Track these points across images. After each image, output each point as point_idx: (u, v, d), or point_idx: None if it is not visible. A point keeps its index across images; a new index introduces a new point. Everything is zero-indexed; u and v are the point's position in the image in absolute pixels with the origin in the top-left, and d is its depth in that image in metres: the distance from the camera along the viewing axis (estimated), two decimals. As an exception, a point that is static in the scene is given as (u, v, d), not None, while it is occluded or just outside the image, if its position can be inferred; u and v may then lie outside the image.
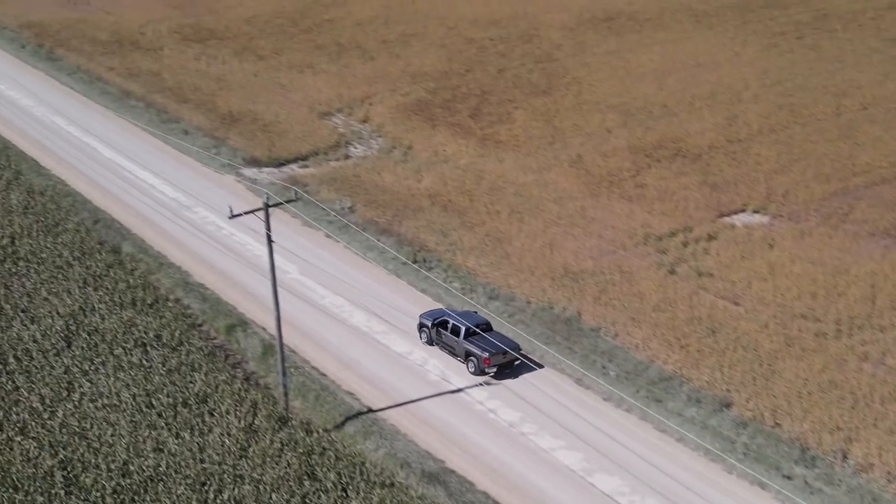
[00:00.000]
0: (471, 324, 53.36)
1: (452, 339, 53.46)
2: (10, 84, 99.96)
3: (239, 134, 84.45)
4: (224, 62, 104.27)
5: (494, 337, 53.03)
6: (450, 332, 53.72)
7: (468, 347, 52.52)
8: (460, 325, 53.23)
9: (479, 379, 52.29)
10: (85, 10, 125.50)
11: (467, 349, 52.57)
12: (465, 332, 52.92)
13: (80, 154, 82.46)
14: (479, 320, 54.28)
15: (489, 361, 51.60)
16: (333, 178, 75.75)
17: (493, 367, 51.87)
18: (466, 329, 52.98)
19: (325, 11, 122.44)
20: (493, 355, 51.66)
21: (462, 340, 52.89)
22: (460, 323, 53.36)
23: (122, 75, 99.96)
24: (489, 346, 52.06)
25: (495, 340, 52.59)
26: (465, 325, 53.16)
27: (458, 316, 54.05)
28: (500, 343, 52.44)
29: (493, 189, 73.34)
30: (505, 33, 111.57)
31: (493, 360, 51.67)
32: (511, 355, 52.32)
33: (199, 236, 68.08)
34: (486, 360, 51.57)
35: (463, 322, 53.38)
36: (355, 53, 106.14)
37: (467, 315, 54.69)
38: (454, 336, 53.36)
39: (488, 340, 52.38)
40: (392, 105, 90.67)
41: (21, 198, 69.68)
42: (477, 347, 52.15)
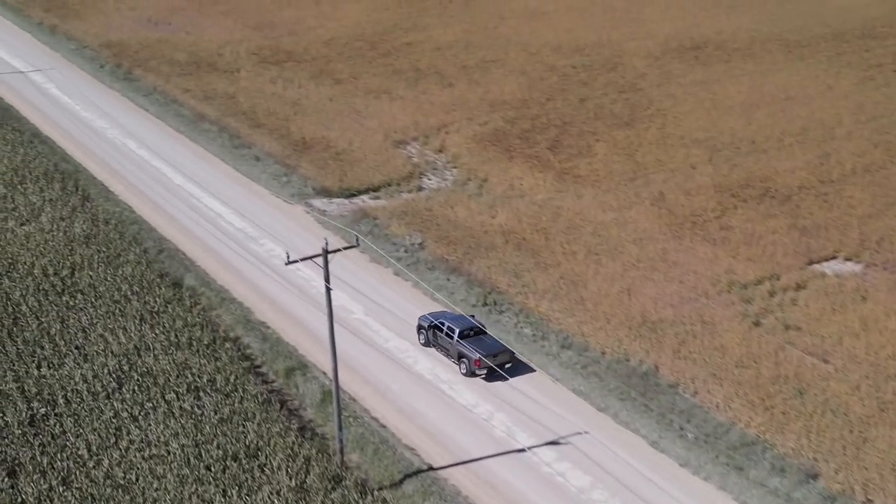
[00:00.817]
0: (465, 327, 55.08)
1: (447, 341, 55.29)
2: (86, 105, 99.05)
3: (311, 162, 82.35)
4: (300, 86, 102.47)
5: (488, 340, 54.68)
6: (444, 334, 55.48)
7: (460, 349, 54.30)
8: (454, 327, 55.01)
9: (543, 441, 49.45)
10: (166, 31, 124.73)
11: (460, 351, 54.34)
12: (459, 334, 54.62)
13: (149, 179, 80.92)
14: (474, 324, 55.71)
15: (479, 363, 53.25)
16: (405, 212, 73.22)
17: (484, 368, 53.43)
18: (460, 332, 54.69)
19: (405, 35, 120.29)
20: (483, 357, 53.12)
21: (455, 342, 54.66)
22: (454, 325, 55.14)
23: (197, 97, 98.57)
24: (480, 348, 53.78)
25: (489, 344, 54.24)
26: (459, 327, 54.91)
27: (452, 320, 55.76)
28: (492, 346, 54.00)
29: (571, 227, 70.30)
30: (588, 61, 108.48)
31: (483, 361, 53.20)
32: (501, 358, 53.83)
33: (264, 270, 65.91)
34: (477, 361, 53.27)
35: (456, 324, 55.11)
36: (433, 79, 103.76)
37: (462, 318, 56.08)
38: (448, 338, 55.20)
39: (481, 343, 54.28)
40: (469, 134, 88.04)
41: (85, 226, 68.01)
42: (468, 349, 53.88)
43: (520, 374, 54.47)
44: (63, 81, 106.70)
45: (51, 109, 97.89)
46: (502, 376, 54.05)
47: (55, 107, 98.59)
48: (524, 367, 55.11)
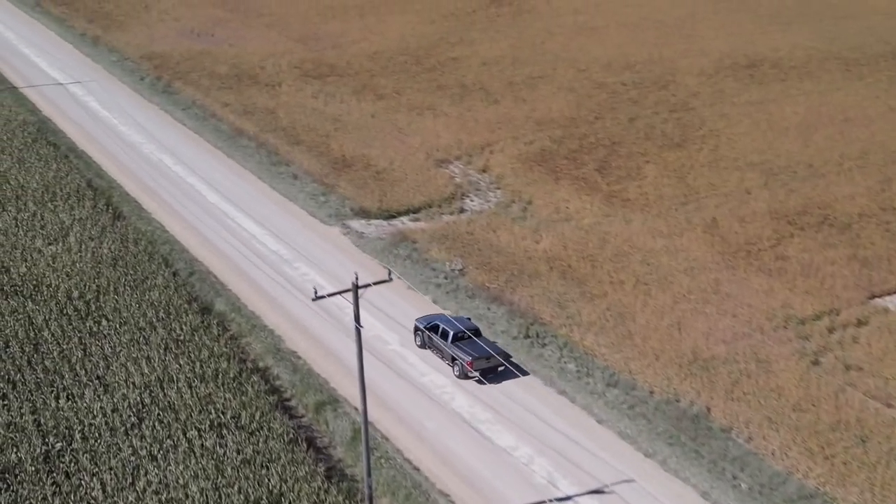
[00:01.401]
0: (459, 329, 55.14)
1: (441, 343, 55.48)
2: (124, 118, 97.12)
3: (350, 181, 79.73)
4: (342, 101, 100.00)
5: (483, 343, 54.77)
6: (439, 335, 55.67)
7: (454, 351, 54.44)
8: (448, 330, 55.19)
9: (585, 488, 46.33)
10: (208, 42, 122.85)
11: (453, 353, 54.47)
12: (453, 336, 54.86)
13: (183, 197, 78.65)
14: (469, 326, 55.87)
15: (472, 365, 53.45)
16: (445, 235, 70.39)
17: (477, 371, 53.62)
18: (454, 334, 54.89)
19: (451, 49, 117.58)
20: (476, 359, 53.49)
21: (449, 344, 54.89)
22: (448, 327, 55.30)
23: (236, 112, 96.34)
24: (474, 350, 53.98)
25: (483, 346, 54.28)
26: (453, 329, 55.09)
27: (448, 321, 55.99)
28: (485, 348, 54.06)
29: (618, 255, 67.15)
30: (638, 78, 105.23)
31: (476, 364, 53.51)
32: (495, 361, 54.01)
33: (297, 296, 63.30)
34: (469, 363, 53.45)
35: (451, 326, 55.33)
36: (479, 96, 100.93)
37: (459, 320, 56.24)
38: (443, 340, 55.42)
39: (475, 345, 54.42)
40: (514, 154, 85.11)
41: (114, 247, 65.67)
42: (462, 352, 54.12)
43: (564, 415, 51.38)
44: (102, 94, 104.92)
45: (88, 123, 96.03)
46: (495, 378, 54.25)
47: (93, 120, 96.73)
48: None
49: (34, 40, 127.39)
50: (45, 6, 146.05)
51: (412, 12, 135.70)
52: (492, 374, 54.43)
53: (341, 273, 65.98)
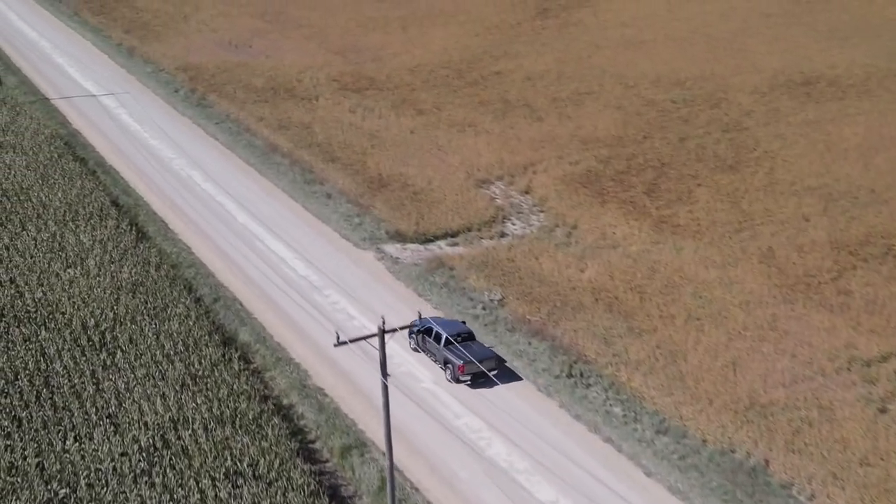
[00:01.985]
0: (453, 332, 54.60)
1: (434, 346, 55.07)
2: (155, 132, 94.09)
3: (386, 202, 76.11)
4: (380, 116, 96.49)
5: (475, 346, 54.33)
6: (433, 339, 55.20)
7: (446, 355, 53.94)
8: (441, 333, 54.59)
9: None
10: (246, 54, 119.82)
11: (445, 356, 54.02)
12: (446, 339, 54.26)
13: (212, 216, 75.36)
14: (463, 329, 55.32)
15: (463, 369, 52.96)
16: (485, 262, 66.60)
17: (468, 375, 53.21)
18: (447, 337, 54.28)
19: (495, 63, 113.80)
20: (467, 363, 52.89)
21: (442, 348, 54.34)
22: (441, 330, 54.67)
23: (271, 127, 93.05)
24: (466, 354, 53.18)
25: (476, 350, 53.82)
26: (447, 332, 54.49)
27: (443, 323, 55.52)
28: (478, 352, 53.53)
29: (668, 286, 63.08)
30: (689, 95, 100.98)
31: (467, 368, 53.01)
32: (487, 365, 53.20)
33: (326, 326, 59.69)
34: (461, 367, 52.94)
35: (445, 329, 54.73)
36: (522, 112, 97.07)
37: (452, 324, 55.82)
38: (436, 343, 54.93)
39: (468, 349, 53.72)
40: (558, 175, 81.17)
41: (135, 271, 62.34)
42: (454, 355, 53.50)
43: (610, 465, 47.35)
44: (135, 106, 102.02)
45: (118, 136, 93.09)
46: (487, 383, 53.61)
47: (123, 134, 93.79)
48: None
49: (69, 50, 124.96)
50: (83, 15, 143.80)
51: (456, 24, 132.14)
52: (483, 378, 53.70)
53: (373, 302, 62.36)
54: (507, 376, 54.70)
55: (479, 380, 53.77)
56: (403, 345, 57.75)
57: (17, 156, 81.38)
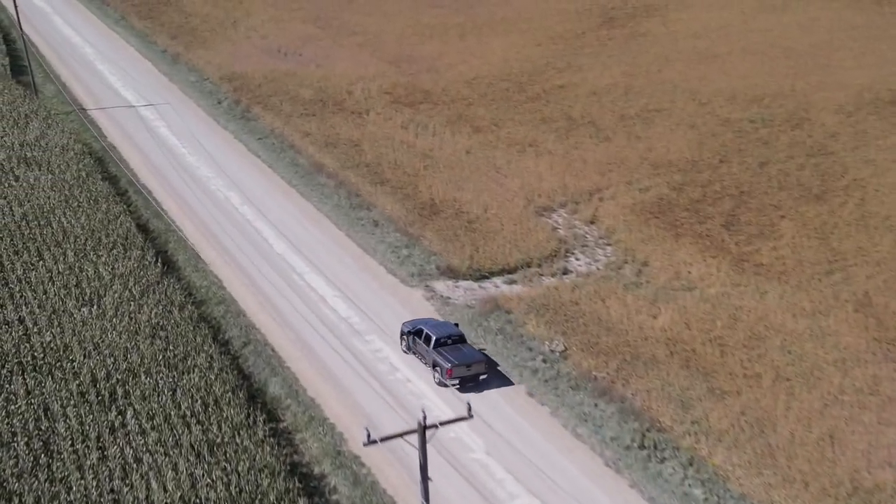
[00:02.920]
0: (443, 334, 53.01)
1: (424, 348, 53.45)
2: (194, 148, 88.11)
3: (437, 231, 69.43)
4: (434, 133, 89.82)
5: (465, 350, 52.72)
6: (423, 340, 53.61)
7: (435, 357, 52.25)
8: (431, 335, 52.98)
9: None
10: (295, 62, 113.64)
11: (434, 359, 52.33)
12: (436, 341, 52.68)
13: (248, 245, 69.08)
14: (454, 332, 53.71)
15: (451, 372, 51.24)
16: (545, 305, 59.74)
17: (456, 378, 51.48)
18: (437, 339, 52.74)
19: (558, 76, 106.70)
20: (455, 367, 51.29)
21: (431, 350, 52.70)
22: (432, 332, 53.09)
23: (317, 144, 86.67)
24: (455, 357, 51.76)
25: (466, 353, 52.24)
26: (436, 334, 52.92)
27: (434, 325, 53.89)
28: (467, 356, 52.01)
29: (753, 337, 55.89)
30: (768, 115, 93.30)
31: (455, 371, 51.34)
32: (476, 369, 51.74)
33: (367, 379, 53.15)
34: (449, 370, 51.22)
35: (435, 331, 53.15)
36: (587, 131, 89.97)
37: (443, 325, 54.23)
38: (425, 345, 53.29)
39: (457, 352, 52.22)
40: (627, 203, 74.07)
41: (156, 311, 56.07)
42: (443, 358, 51.86)
43: None
44: (174, 119, 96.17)
45: (154, 152, 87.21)
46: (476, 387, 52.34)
47: (160, 149, 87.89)
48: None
49: (112, 56, 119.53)
50: (129, 20, 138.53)
51: (517, 33, 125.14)
52: (472, 382, 52.32)
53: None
54: (568, 451, 47.80)
55: (468, 384, 52.21)
56: (453, 402, 51.06)
57: (43, 174, 75.62)
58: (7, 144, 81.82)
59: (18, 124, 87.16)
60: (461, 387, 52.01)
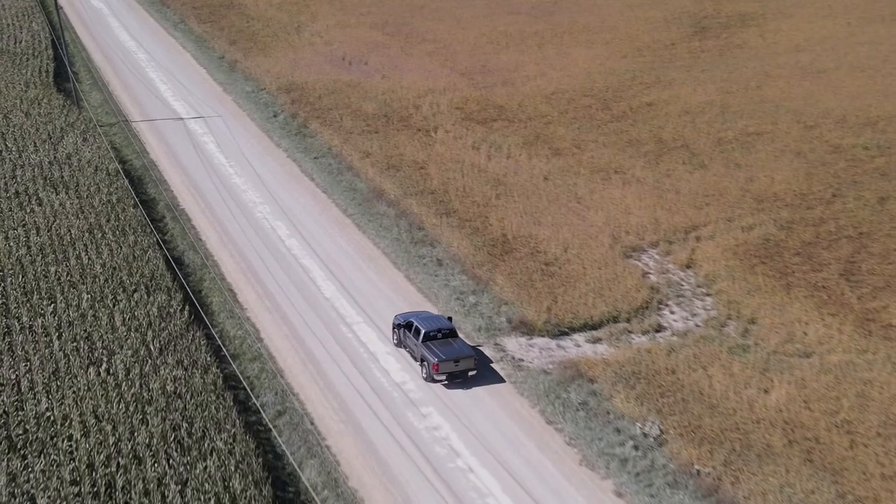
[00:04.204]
0: (432, 328, 50.82)
1: (413, 342, 51.36)
2: (242, 167, 79.83)
3: (510, 275, 60.31)
4: (509, 155, 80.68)
5: (455, 345, 50.39)
6: (412, 334, 51.50)
7: (423, 351, 50.07)
8: (421, 328, 50.84)
9: None
10: (360, 72, 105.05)
11: (422, 353, 50.11)
12: (425, 335, 50.57)
13: (292, 286, 60.46)
14: (445, 325, 51.44)
15: (437, 367, 49.00)
16: (636, 373, 50.36)
17: (443, 374, 49.18)
18: (426, 332, 50.59)
19: (646, 92, 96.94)
20: (442, 362, 49.01)
21: (419, 344, 50.56)
22: (422, 325, 50.97)
23: (378, 165, 77.89)
24: (443, 352, 49.49)
25: (455, 348, 49.95)
26: (426, 328, 50.74)
27: (425, 318, 51.75)
28: (456, 351, 49.67)
29: (889, 422, 46.10)
30: (884, 140, 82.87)
31: (442, 366, 49.08)
32: (464, 364, 49.39)
33: (421, 467, 44.12)
34: (435, 365, 49.03)
35: (425, 325, 50.99)
36: (680, 156, 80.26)
37: (435, 319, 51.97)
38: (415, 338, 51.15)
39: (446, 347, 50.01)
40: (728, 244, 64.40)
41: (175, 374, 47.49)
42: (430, 352, 49.64)
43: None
44: (224, 133, 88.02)
45: (199, 171, 79.06)
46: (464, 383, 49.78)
47: (205, 167, 79.73)
48: None
49: (165, 63, 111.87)
50: (188, 23, 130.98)
51: (600, 43, 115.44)
52: (460, 379, 49.76)
53: (486, 430, 46.58)
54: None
55: (456, 380, 49.66)
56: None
57: (70, 198, 67.64)
58: (34, 162, 74.07)
59: (52, 138, 79.45)
60: (449, 382, 49.54)
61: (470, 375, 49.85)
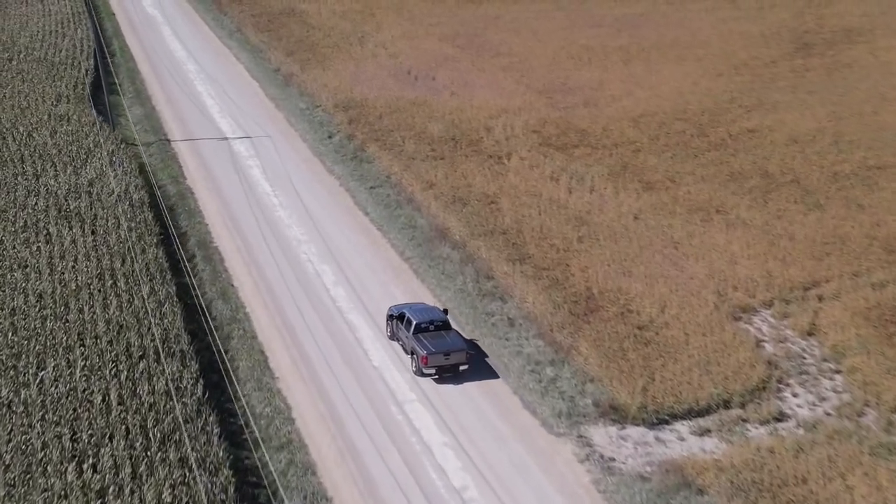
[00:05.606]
0: (424, 319, 48.22)
1: (405, 333, 48.58)
2: (288, 197, 70.40)
3: (596, 342, 50.03)
4: (593, 188, 70.35)
5: (448, 338, 47.82)
6: (404, 325, 48.74)
7: (413, 344, 47.40)
8: (412, 319, 48.18)
9: None
10: (426, 88, 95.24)
11: (413, 346, 47.49)
12: (416, 327, 47.91)
13: (335, 350, 50.68)
14: (438, 317, 48.92)
15: (426, 361, 46.45)
16: (756, 482, 40.01)
17: (432, 368, 46.60)
18: (417, 324, 47.97)
19: (746, 117, 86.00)
20: (431, 355, 46.43)
21: (411, 336, 47.87)
22: (414, 317, 48.33)
23: (443, 198, 67.98)
24: (433, 345, 46.88)
25: (448, 341, 47.41)
26: (417, 319, 48.17)
27: (419, 310, 49.27)
28: (447, 344, 47.09)
29: None
30: None
31: (431, 360, 46.50)
32: (455, 358, 46.74)
33: None
34: (424, 358, 46.48)
35: (417, 316, 48.41)
36: (791, 192, 69.45)
37: (428, 310, 49.65)
38: (406, 330, 48.39)
39: (437, 340, 47.42)
40: (857, 305, 53.61)
41: (177, 476, 37.63)
42: (420, 345, 46.98)
43: None
44: (271, 156, 78.63)
45: (239, 201, 69.75)
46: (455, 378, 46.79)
47: (247, 197, 70.41)
48: None
49: (216, 75, 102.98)
50: (245, 31, 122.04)
51: (692, 59, 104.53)
52: (450, 373, 47.30)
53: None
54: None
55: (446, 374, 47.11)
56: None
57: (84, 234, 58.39)
58: (51, 190, 65.04)
59: (75, 162, 70.43)
60: (439, 377, 47.06)
61: (461, 370, 47.37)
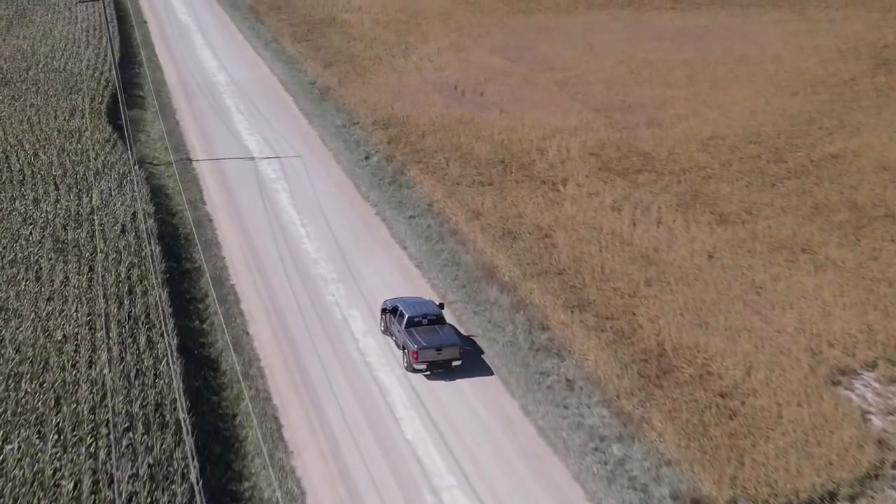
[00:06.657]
0: (417, 313, 46.64)
1: (397, 328, 46.99)
2: (317, 227, 62.79)
3: (671, 412, 41.92)
4: (660, 221, 62.21)
5: (441, 332, 46.05)
6: (396, 319, 47.21)
7: (405, 338, 45.66)
8: (405, 313, 46.62)
9: None
10: (473, 105, 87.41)
11: (404, 340, 45.76)
12: (408, 321, 46.35)
13: (360, 417, 42.86)
14: (430, 311, 47.17)
15: (417, 356, 44.64)
16: None
17: (423, 363, 44.77)
18: (409, 318, 46.39)
19: (828, 140, 77.38)
20: (423, 350, 44.59)
21: (402, 330, 46.26)
22: (406, 310, 46.73)
23: (490, 231, 60.12)
24: (424, 339, 45.09)
25: (441, 336, 45.59)
26: (410, 313, 46.59)
27: (412, 304, 47.46)
28: (440, 339, 45.25)
29: None
30: None
31: (422, 355, 44.66)
32: (447, 354, 44.88)
33: None
34: (415, 353, 44.69)
35: (410, 310, 46.80)
36: (886, 229, 60.95)
37: (422, 304, 47.72)
38: (398, 324, 46.85)
39: (429, 335, 45.58)
40: (979, 370, 45.06)
41: None
42: (412, 339, 45.23)
43: None
44: (301, 179, 71.10)
45: (262, 232, 62.19)
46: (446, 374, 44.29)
47: (271, 227, 62.84)
48: None
49: (247, 88, 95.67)
50: (282, 41, 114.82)
51: (763, 76, 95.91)
52: (441, 369, 44.84)
53: None
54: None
55: (438, 370, 44.74)
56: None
57: (79, 271, 50.94)
58: (48, 218, 57.70)
59: (79, 185, 63.15)
60: (430, 373, 45.08)
61: (454, 366, 45.31)
